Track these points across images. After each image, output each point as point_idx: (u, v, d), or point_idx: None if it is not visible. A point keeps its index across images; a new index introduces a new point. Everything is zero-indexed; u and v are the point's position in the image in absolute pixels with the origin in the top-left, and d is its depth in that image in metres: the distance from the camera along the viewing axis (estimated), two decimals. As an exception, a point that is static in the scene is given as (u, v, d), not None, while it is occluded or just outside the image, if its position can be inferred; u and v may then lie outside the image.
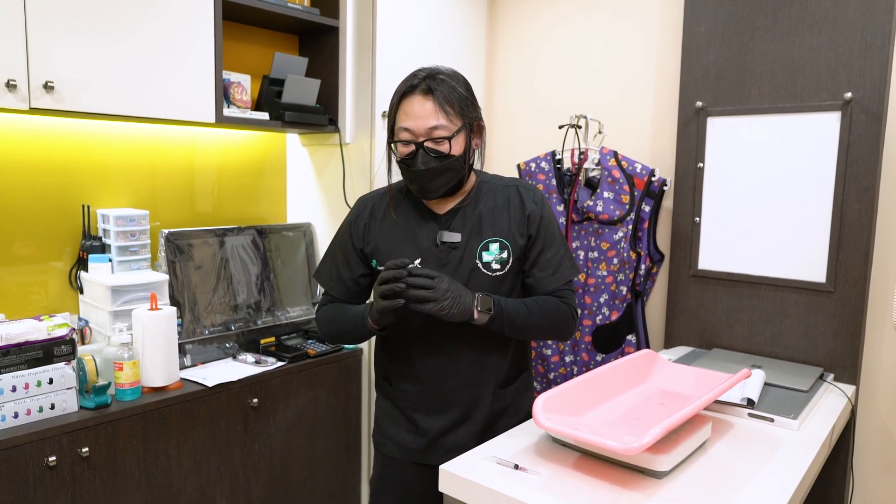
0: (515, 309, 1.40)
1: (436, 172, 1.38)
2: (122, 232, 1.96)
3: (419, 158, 1.36)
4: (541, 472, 1.21)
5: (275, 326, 2.27)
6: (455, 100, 1.37)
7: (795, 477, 1.23)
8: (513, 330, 1.42)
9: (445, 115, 1.36)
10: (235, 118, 2.05)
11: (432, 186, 1.39)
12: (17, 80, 1.56)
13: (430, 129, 1.36)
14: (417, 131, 1.36)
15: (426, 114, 1.35)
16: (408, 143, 1.38)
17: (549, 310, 1.45)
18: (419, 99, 1.36)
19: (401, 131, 1.38)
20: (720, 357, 1.96)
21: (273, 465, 2.06)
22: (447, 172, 1.39)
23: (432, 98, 1.36)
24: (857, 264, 1.83)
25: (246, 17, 2.22)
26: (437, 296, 1.31)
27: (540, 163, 2.29)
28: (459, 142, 1.39)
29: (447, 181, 1.40)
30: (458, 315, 1.34)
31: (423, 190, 1.41)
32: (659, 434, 1.10)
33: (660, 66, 2.27)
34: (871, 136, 1.79)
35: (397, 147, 1.41)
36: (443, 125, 1.36)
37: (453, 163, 1.39)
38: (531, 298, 1.46)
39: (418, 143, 1.36)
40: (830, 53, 1.83)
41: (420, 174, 1.37)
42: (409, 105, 1.37)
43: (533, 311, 1.42)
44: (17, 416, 1.54)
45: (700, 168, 2.07)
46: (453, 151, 1.38)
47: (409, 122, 1.36)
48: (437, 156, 1.37)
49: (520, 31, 2.61)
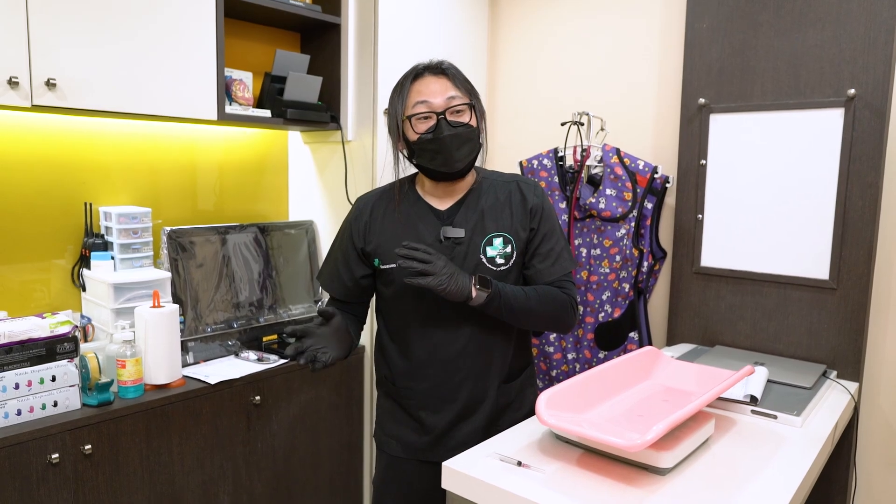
0: (514, 292, 1.41)
1: (462, 139, 1.39)
2: (125, 229, 1.96)
3: (443, 128, 1.38)
4: (544, 469, 1.21)
5: (277, 324, 2.27)
6: (463, 80, 1.44)
7: (799, 473, 1.23)
8: (511, 314, 1.41)
9: (459, 90, 1.41)
10: (237, 115, 2.05)
11: (458, 155, 1.40)
12: (20, 77, 1.56)
13: (449, 100, 1.40)
14: (437, 104, 1.39)
15: (442, 88, 1.40)
16: (425, 119, 1.40)
17: (549, 298, 1.45)
18: (432, 77, 1.42)
19: (417, 107, 1.40)
20: (723, 354, 1.95)
21: (276, 463, 2.06)
22: (469, 142, 1.41)
23: (445, 76, 1.42)
24: (860, 261, 1.83)
25: (248, 15, 2.22)
26: (434, 269, 1.31)
27: (542, 160, 2.29)
28: (474, 116, 1.43)
29: (469, 151, 1.42)
30: (456, 293, 1.34)
31: (448, 161, 1.40)
32: (662, 431, 1.10)
33: (662, 63, 2.26)
34: (874, 132, 1.78)
35: (414, 124, 1.41)
36: (459, 96, 1.41)
37: (473, 133, 1.42)
38: (530, 286, 1.47)
39: (439, 113, 1.39)
40: (833, 49, 1.82)
41: (447, 142, 1.38)
42: (422, 84, 1.41)
43: (531, 297, 1.42)
44: (21, 414, 1.54)
45: (703, 165, 2.07)
46: (472, 122, 1.42)
47: (427, 97, 1.40)
48: (459, 125, 1.39)
49: (522, 29, 2.60)
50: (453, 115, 1.40)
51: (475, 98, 1.45)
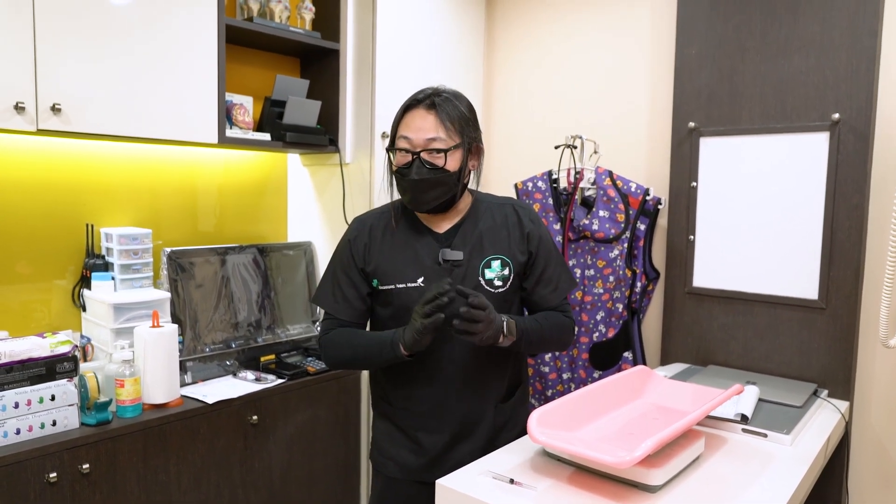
0: (531, 328, 1.45)
1: (428, 185, 1.40)
2: (125, 250, 1.99)
3: (414, 168, 1.40)
4: (536, 487, 1.22)
5: (275, 344, 2.29)
6: (456, 118, 1.42)
7: (788, 490, 1.25)
8: (529, 346, 1.46)
9: (445, 130, 1.40)
10: (238, 139, 2.09)
11: (423, 198, 1.42)
12: (26, 102, 1.61)
13: (428, 141, 1.39)
14: (416, 142, 1.40)
15: (426, 126, 1.40)
16: (406, 154, 1.42)
17: (557, 325, 1.51)
18: (422, 112, 1.41)
19: (400, 140, 1.42)
20: (715, 374, 1.97)
21: (272, 483, 2.06)
22: (439, 186, 1.42)
23: (434, 112, 1.41)
24: (848, 281, 1.86)
25: (248, 41, 2.28)
26: (484, 328, 1.32)
27: (537, 182, 2.33)
28: (455, 158, 1.42)
29: (439, 195, 1.43)
30: (489, 341, 1.35)
31: (414, 200, 1.43)
32: (651, 447, 1.12)
33: (653, 88, 2.32)
34: (858, 155, 1.82)
35: (395, 156, 1.44)
36: (441, 138, 1.40)
37: (447, 178, 1.41)
38: (540, 314, 1.51)
39: (415, 153, 1.40)
40: (818, 75, 1.88)
41: (413, 184, 1.40)
42: (411, 118, 1.42)
43: (545, 328, 1.48)
44: (19, 433, 1.55)
45: (693, 187, 2.11)
46: (448, 166, 1.41)
47: (409, 133, 1.41)
48: (432, 168, 1.40)
49: (516, 54, 2.66)
50: (430, 156, 1.40)
51: (467, 135, 1.43)
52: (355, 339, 1.48)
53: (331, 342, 1.50)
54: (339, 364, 1.52)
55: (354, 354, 1.47)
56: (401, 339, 1.38)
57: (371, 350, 1.44)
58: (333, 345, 1.50)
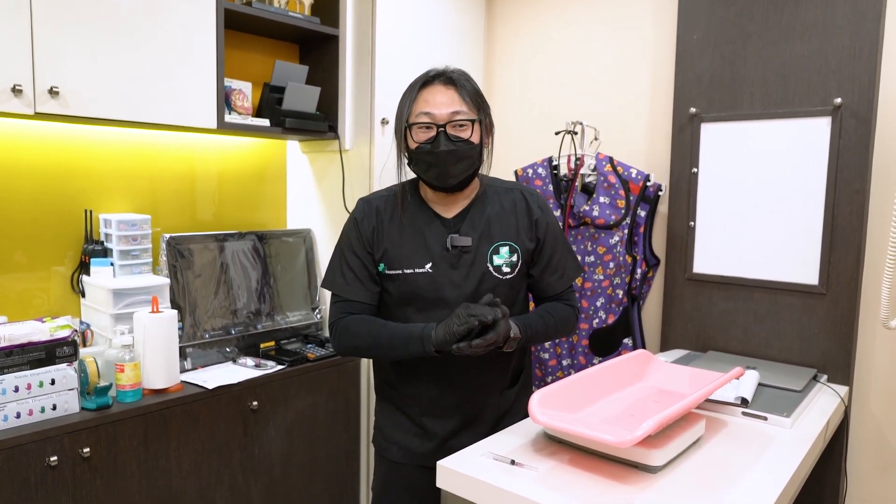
0: (537, 330, 1.45)
1: (458, 156, 1.39)
2: (124, 236, 1.98)
3: (441, 141, 1.38)
4: (537, 468, 1.23)
5: (275, 331, 2.29)
6: (472, 92, 1.42)
7: (787, 471, 1.25)
8: (531, 343, 1.48)
9: (465, 104, 1.40)
10: (236, 124, 2.08)
11: (453, 171, 1.40)
12: (23, 84, 1.60)
13: (452, 114, 1.39)
14: (439, 116, 1.39)
15: (448, 100, 1.39)
16: (428, 128, 1.40)
17: (561, 318, 1.52)
18: (440, 87, 1.41)
19: (420, 116, 1.40)
20: (715, 359, 1.97)
21: (272, 468, 2.07)
22: (466, 159, 1.41)
23: (454, 87, 1.41)
24: (848, 266, 1.86)
25: (247, 26, 2.26)
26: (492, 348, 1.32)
27: (537, 169, 2.32)
28: (477, 131, 1.42)
29: (466, 168, 1.41)
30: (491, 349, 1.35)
31: (442, 175, 1.40)
32: (652, 427, 1.12)
33: (654, 74, 2.31)
34: (860, 140, 1.82)
35: (414, 132, 1.41)
36: (464, 111, 1.40)
37: (473, 150, 1.41)
38: (545, 310, 1.51)
39: (440, 126, 1.38)
40: (820, 60, 1.87)
41: (442, 157, 1.38)
42: (429, 93, 1.41)
43: (550, 325, 1.48)
44: (20, 417, 1.55)
45: (694, 173, 2.11)
46: (472, 139, 1.41)
47: (431, 108, 1.39)
48: (458, 140, 1.39)
49: (517, 40, 2.65)
50: (454, 130, 1.39)
51: (483, 112, 1.44)
52: (376, 328, 1.42)
53: (347, 329, 1.45)
54: (352, 352, 1.47)
55: (374, 343, 1.42)
56: (431, 335, 1.35)
57: (395, 341, 1.39)
58: (349, 332, 1.45)
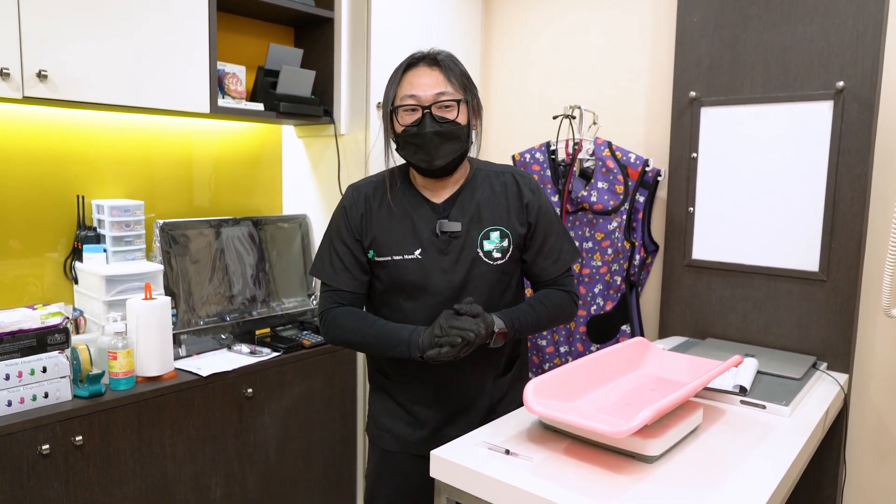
0: (527, 323, 1.42)
1: (444, 138, 1.37)
2: (117, 222, 1.96)
3: (427, 122, 1.36)
4: (532, 458, 1.21)
5: (270, 317, 2.27)
6: (459, 73, 1.41)
7: (786, 461, 1.24)
8: (524, 335, 1.45)
9: (451, 85, 1.39)
10: (230, 108, 2.05)
11: (440, 153, 1.38)
12: (10, 68, 1.56)
13: (437, 95, 1.37)
14: (424, 97, 1.37)
15: (433, 81, 1.37)
16: (413, 110, 1.38)
17: (555, 306, 1.48)
18: (425, 69, 1.39)
19: (405, 99, 1.38)
20: (714, 346, 1.96)
21: (268, 456, 2.06)
22: (453, 141, 1.38)
23: (439, 68, 1.39)
24: (849, 253, 1.84)
25: (241, 9, 2.22)
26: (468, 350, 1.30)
27: (535, 154, 2.30)
28: (464, 112, 1.40)
29: (453, 150, 1.39)
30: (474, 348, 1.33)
31: (429, 157, 1.38)
32: (648, 417, 1.10)
33: (654, 57, 2.27)
34: (863, 124, 1.79)
35: (400, 115, 1.39)
36: (449, 92, 1.38)
37: (460, 130, 1.39)
38: (537, 299, 1.48)
39: (425, 107, 1.36)
40: (822, 43, 1.83)
41: (428, 139, 1.36)
42: (414, 75, 1.39)
43: (542, 315, 1.45)
44: (11, 405, 1.54)
45: (694, 158, 2.08)
46: (459, 119, 1.38)
47: (416, 90, 1.37)
48: (444, 121, 1.37)
49: (515, 23, 2.61)
50: (440, 111, 1.37)
51: (470, 93, 1.42)
52: (366, 326, 1.42)
53: (335, 323, 1.44)
54: (340, 344, 1.47)
55: (363, 342, 1.42)
56: (418, 343, 1.34)
57: (382, 342, 1.39)
58: (338, 326, 1.44)
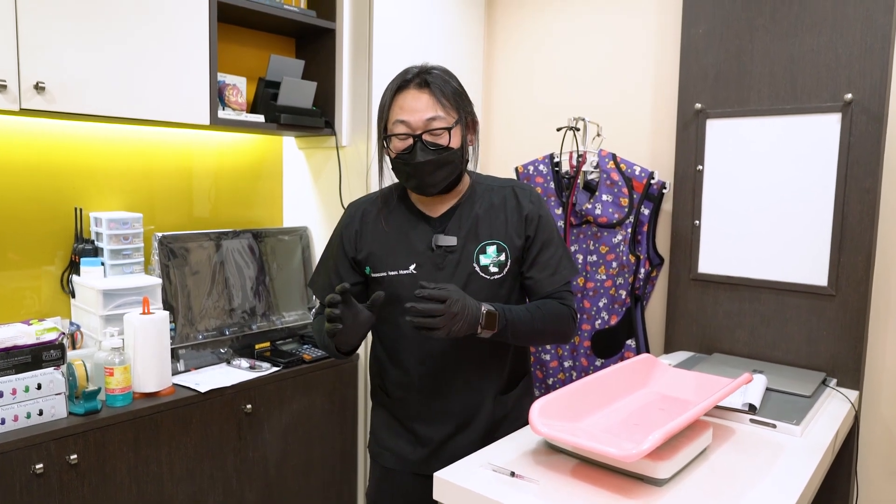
0: (520, 318, 1.36)
1: (435, 165, 1.34)
2: (115, 235, 1.94)
3: (418, 151, 1.33)
4: (538, 480, 1.18)
5: (270, 331, 2.24)
6: (450, 93, 1.36)
7: (799, 484, 1.20)
8: (516, 338, 1.38)
9: (442, 108, 1.34)
10: (230, 120, 2.03)
11: (432, 180, 1.36)
12: (7, 80, 1.54)
13: (428, 121, 1.33)
14: (415, 124, 1.33)
15: (423, 106, 1.33)
16: (405, 138, 1.35)
17: (551, 314, 1.41)
18: (414, 92, 1.34)
19: (396, 125, 1.35)
20: (721, 362, 1.93)
21: (267, 472, 2.02)
22: (446, 166, 1.36)
23: (428, 91, 1.34)
24: (858, 267, 1.81)
25: (241, 19, 2.21)
26: (445, 322, 1.23)
27: (538, 166, 2.27)
28: (457, 134, 1.36)
29: (446, 175, 1.37)
30: (460, 333, 1.27)
31: (421, 185, 1.37)
32: (658, 440, 1.07)
33: (658, 68, 2.25)
34: (871, 137, 1.76)
35: (392, 142, 1.37)
36: (440, 117, 1.34)
37: (452, 155, 1.35)
38: (533, 303, 1.43)
39: (416, 135, 1.33)
40: (830, 54, 1.81)
41: (419, 168, 1.34)
42: (403, 99, 1.35)
43: (536, 318, 1.39)
44: (4, 423, 1.51)
45: (699, 170, 2.05)
46: (451, 144, 1.35)
47: (406, 116, 1.33)
48: (436, 148, 1.34)
49: (517, 35, 2.59)
50: (432, 137, 1.34)
51: (464, 110, 1.38)
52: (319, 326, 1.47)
53: (313, 327, 1.54)
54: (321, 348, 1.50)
55: (322, 342, 1.45)
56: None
57: (325, 340, 1.40)
58: (313, 330, 1.53)
